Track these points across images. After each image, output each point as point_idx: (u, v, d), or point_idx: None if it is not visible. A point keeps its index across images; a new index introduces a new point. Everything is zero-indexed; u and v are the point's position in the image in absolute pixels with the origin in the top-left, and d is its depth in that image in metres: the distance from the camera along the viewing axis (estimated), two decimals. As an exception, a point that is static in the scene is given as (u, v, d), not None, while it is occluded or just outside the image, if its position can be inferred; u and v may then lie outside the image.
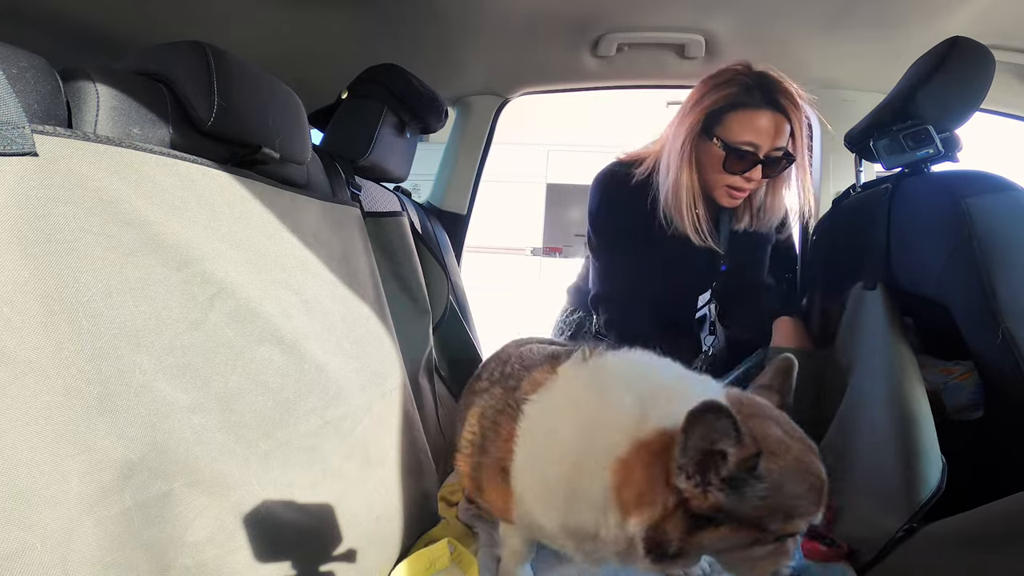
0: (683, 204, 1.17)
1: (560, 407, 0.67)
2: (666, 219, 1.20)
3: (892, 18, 1.25)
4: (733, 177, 1.14)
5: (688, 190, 1.17)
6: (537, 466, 0.65)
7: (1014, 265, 0.81)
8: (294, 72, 1.39)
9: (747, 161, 1.12)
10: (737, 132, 1.11)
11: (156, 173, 0.56)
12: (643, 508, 0.54)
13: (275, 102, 0.75)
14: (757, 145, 1.11)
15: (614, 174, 1.30)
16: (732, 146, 1.11)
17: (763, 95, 1.10)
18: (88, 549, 0.44)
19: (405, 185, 1.44)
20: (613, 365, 0.68)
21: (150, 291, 0.52)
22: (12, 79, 0.46)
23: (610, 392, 0.63)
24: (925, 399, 0.84)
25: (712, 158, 1.14)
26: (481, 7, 1.28)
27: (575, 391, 0.67)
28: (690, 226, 1.19)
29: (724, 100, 1.11)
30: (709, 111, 1.12)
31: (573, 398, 0.67)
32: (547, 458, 0.64)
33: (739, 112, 1.10)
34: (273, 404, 0.63)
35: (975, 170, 0.91)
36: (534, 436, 0.67)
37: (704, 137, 1.15)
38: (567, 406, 0.66)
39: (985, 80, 0.96)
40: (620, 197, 1.27)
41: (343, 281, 0.84)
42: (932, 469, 0.77)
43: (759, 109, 1.10)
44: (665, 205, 1.19)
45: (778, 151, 1.12)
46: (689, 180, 1.17)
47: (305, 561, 0.63)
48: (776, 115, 1.10)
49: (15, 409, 0.41)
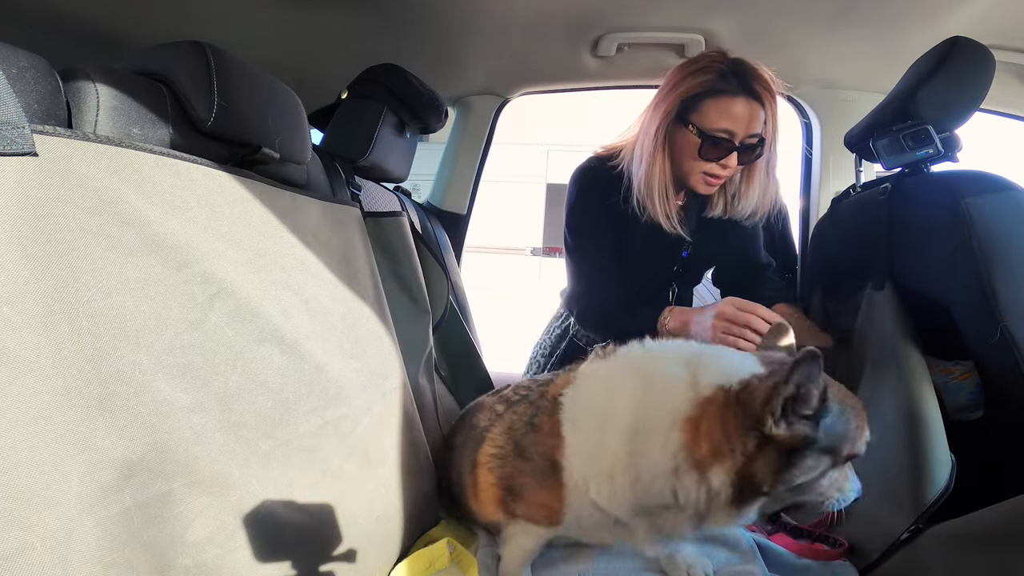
0: (655, 191, 1.17)
1: (604, 389, 0.69)
2: (639, 206, 1.20)
3: (892, 18, 1.25)
4: (709, 164, 1.14)
5: (661, 177, 1.17)
6: (596, 443, 0.66)
7: (1014, 265, 0.81)
8: (294, 72, 1.39)
9: (723, 148, 1.11)
10: (713, 119, 1.10)
11: (156, 173, 0.56)
12: (723, 458, 0.58)
13: (275, 102, 0.75)
14: (732, 132, 1.10)
15: (590, 169, 1.30)
16: (708, 133, 1.11)
17: (739, 82, 1.09)
18: (88, 549, 0.44)
19: (405, 185, 1.44)
20: (637, 350, 0.72)
21: (150, 291, 0.52)
22: (12, 79, 0.46)
23: (655, 365, 0.66)
24: (934, 399, 0.84)
25: (687, 145, 1.14)
26: (481, 7, 1.28)
27: (614, 374, 0.70)
28: (662, 213, 1.19)
29: (700, 87, 1.11)
30: (684, 98, 1.12)
31: (615, 379, 0.69)
32: (607, 432, 0.65)
33: (715, 99, 1.10)
34: (273, 404, 0.63)
35: (975, 170, 0.91)
36: (584, 418, 0.69)
37: (679, 124, 1.14)
38: (612, 387, 0.69)
39: (985, 80, 0.96)
40: (596, 192, 1.26)
41: (343, 281, 0.84)
42: (940, 469, 0.77)
43: (735, 96, 1.09)
44: (638, 192, 1.19)
45: (753, 138, 1.12)
46: (662, 167, 1.16)
47: (305, 561, 0.63)
48: (751, 102, 1.10)
49: (15, 409, 0.41)
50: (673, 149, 1.17)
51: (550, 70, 1.63)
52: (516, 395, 0.84)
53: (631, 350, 0.72)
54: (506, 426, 0.78)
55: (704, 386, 0.61)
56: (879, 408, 0.92)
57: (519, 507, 0.75)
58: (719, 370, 0.62)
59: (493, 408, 0.85)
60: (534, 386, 0.82)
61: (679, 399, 0.61)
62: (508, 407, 0.82)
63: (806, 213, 1.71)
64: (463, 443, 0.89)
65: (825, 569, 0.82)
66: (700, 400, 0.61)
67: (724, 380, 0.61)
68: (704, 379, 0.62)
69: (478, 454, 0.80)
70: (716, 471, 0.58)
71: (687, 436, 0.60)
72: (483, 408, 0.89)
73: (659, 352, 0.70)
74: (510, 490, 0.76)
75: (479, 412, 0.89)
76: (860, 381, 1.01)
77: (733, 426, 0.58)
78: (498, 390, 0.94)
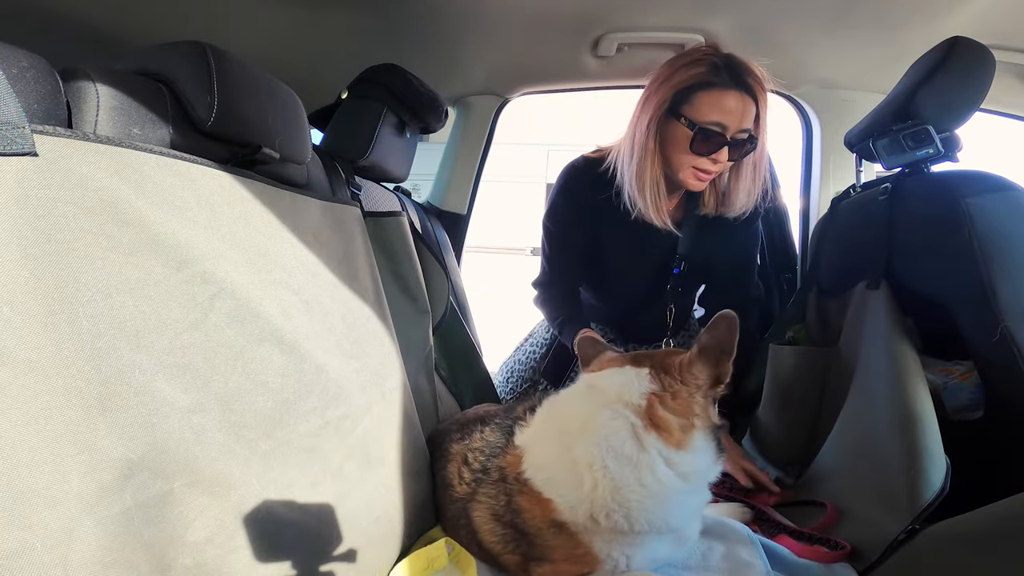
0: (647, 185, 1.16)
1: (556, 452, 0.75)
2: (630, 202, 1.19)
3: (892, 18, 1.25)
4: (700, 159, 1.12)
5: (652, 171, 1.16)
6: (577, 489, 0.72)
7: (1014, 265, 0.81)
8: (294, 72, 1.39)
9: (714, 141, 1.10)
10: (705, 112, 1.09)
11: (156, 173, 0.56)
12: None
13: (275, 102, 0.75)
14: (725, 126, 1.09)
15: (575, 169, 1.30)
16: (700, 125, 1.09)
17: (731, 75, 1.08)
18: (88, 549, 0.44)
19: (405, 185, 1.44)
20: (549, 407, 0.83)
21: (150, 291, 0.52)
22: (12, 79, 0.46)
23: (580, 409, 0.77)
24: (929, 399, 0.84)
25: (679, 138, 1.13)
26: (481, 7, 1.28)
27: (556, 432, 0.78)
28: (652, 207, 1.18)
29: (692, 79, 1.10)
30: (676, 90, 1.11)
31: (560, 436, 0.77)
32: (580, 473, 0.72)
33: (707, 91, 1.09)
34: (273, 404, 0.63)
35: (975, 170, 0.91)
36: (556, 474, 0.74)
37: (671, 116, 1.13)
38: (562, 443, 0.75)
39: (985, 80, 0.96)
40: (582, 189, 1.26)
41: (343, 281, 0.84)
42: (936, 470, 0.76)
43: (727, 89, 1.08)
44: (629, 187, 1.18)
45: (743, 133, 1.11)
46: (653, 160, 1.15)
47: (305, 561, 0.63)
48: (743, 96, 1.09)
49: (15, 409, 0.41)
50: (664, 142, 1.15)
51: (550, 70, 1.63)
52: (476, 464, 0.85)
53: (547, 409, 0.82)
54: (489, 512, 0.79)
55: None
56: (873, 408, 0.93)
57: (546, 569, 0.76)
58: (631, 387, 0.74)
59: (460, 475, 0.86)
60: (481, 457, 0.84)
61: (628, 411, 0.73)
62: (476, 484, 0.82)
63: (806, 213, 1.71)
64: (443, 500, 0.89)
65: (826, 570, 0.82)
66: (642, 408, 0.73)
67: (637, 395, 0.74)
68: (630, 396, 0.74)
69: (475, 533, 0.81)
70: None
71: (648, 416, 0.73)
72: (451, 461, 0.89)
73: (571, 400, 0.81)
74: (528, 557, 0.77)
75: (449, 467, 0.89)
76: (852, 380, 1.02)
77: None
78: (457, 433, 0.94)
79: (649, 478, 0.70)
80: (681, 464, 0.71)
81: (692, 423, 0.73)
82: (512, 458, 0.79)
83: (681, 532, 0.76)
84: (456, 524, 0.85)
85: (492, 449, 0.83)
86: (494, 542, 0.79)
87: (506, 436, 0.83)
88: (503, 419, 0.87)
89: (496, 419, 0.89)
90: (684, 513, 0.74)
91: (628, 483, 0.70)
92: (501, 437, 0.84)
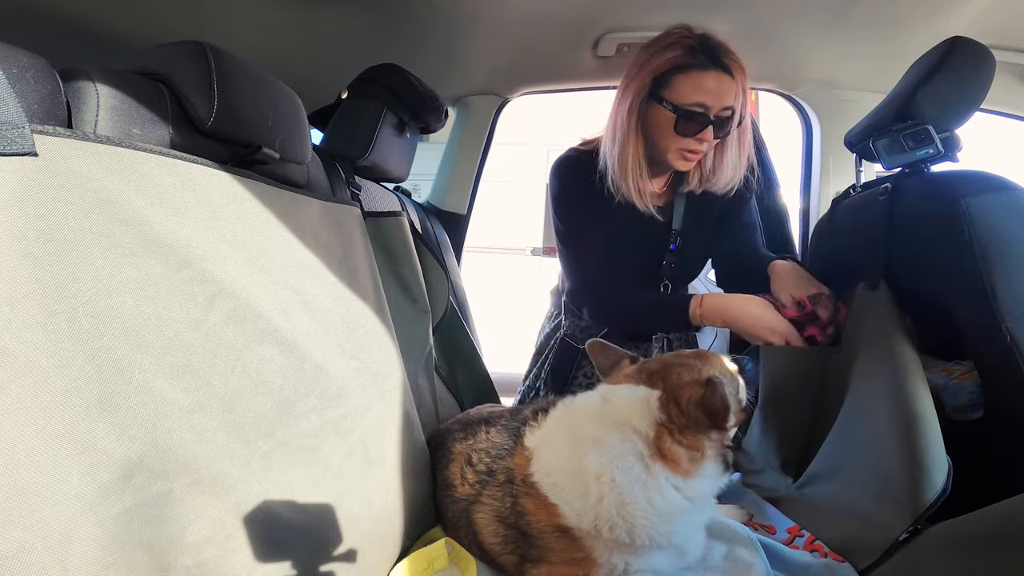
0: (628, 170, 1.17)
1: (568, 454, 0.75)
2: (613, 187, 1.20)
3: (892, 18, 1.25)
4: (686, 140, 1.13)
5: (635, 156, 1.16)
6: (583, 493, 0.71)
7: (1014, 265, 0.81)
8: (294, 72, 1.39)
9: (698, 122, 1.11)
10: (686, 94, 1.10)
11: (156, 173, 0.56)
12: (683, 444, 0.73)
13: (275, 102, 0.75)
14: (707, 106, 1.10)
15: (568, 159, 1.30)
16: (682, 108, 1.10)
17: (708, 56, 1.09)
18: (88, 549, 0.44)
19: (405, 185, 1.44)
20: (565, 409, 0.82)
21: (150, 291, 0.52)
22: (12, 79, 0.46)
23: (595, 416, 0.77)
24: (929, 399, 0.84)
25: (662, 121, 1.13)
26: (481, 7, 1.28)
27: (566, 431, 0.78)
28: (634, 191, 1.18)
29: (670, 63, 1.10)
30: (655, 75, 1.12)
31: (570, 435, 0.77)
32: (586, 479, 0.72)
33: (686, 73, 1.10)
34: (273, 404, 0.63)
35: (975, 170, 0.91)
36: (563, 480, 0.74)
37: (652, 101, 1.14)
38: (573, 444, 0.76)
39: (985, 80, 0.96)
40: (579, 179, 1.26)
41: (343, 281, 0.84)
42: (937, 471, 0.76)
43: (705, 70, 1.09)
44: (612, 172, 1.19)
45: (727, 111, 1.12)
46: (635, 146, 1.16)
47: (305, 561, 0.63)
48: (722, 75, 1.09)
49: (15, 409, 0.41)
50: (648, 128, 1.16)
51: (550, 70, 1.63)
52: (481, 464, 0.84)
53: (562, 412, 0.81)
54: (493, 513, 0.79)
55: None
56: (873, 408, 0.92)
57: (542, 571, 0.76)
58: (642, 413, 0.73)
59: (463, 475, 0.85)
60: (487, 458, 0.83)
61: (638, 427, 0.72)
62: (481, 485, 0.82)
63: (806, 213, 1.71)
64: (443, 500, 0.89)
65: (825, 570, 0.82)
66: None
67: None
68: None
69: (477, 534, 0.81)
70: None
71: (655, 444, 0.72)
72: (453, 461, 0.88)
73: (587, 409, 0.80)
74: (525, 558, 0.77)
75: (451, 467, 0.89)
76: (852, 380, 1.01)
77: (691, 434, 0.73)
78: (460, 433, 0.93)
79: (658, 499, 0.70)
80: (689, 489, 0.72)
81: (703, 454, 0.73)
82: (521, 459, 0.79)
83: (682, 548, 0.76)
84: (457, 524, 0.85)
85: (498, 450, 0.83)
86: (495, 543, 0.79)
87: (513, 437, 0.82)
88: (509, 420, 0.87)
89: (502, 420, 0.89)
90: (687, 531, 0.75)
91: (636, 500, 0.70)
92: (508, 438, 0.83)
